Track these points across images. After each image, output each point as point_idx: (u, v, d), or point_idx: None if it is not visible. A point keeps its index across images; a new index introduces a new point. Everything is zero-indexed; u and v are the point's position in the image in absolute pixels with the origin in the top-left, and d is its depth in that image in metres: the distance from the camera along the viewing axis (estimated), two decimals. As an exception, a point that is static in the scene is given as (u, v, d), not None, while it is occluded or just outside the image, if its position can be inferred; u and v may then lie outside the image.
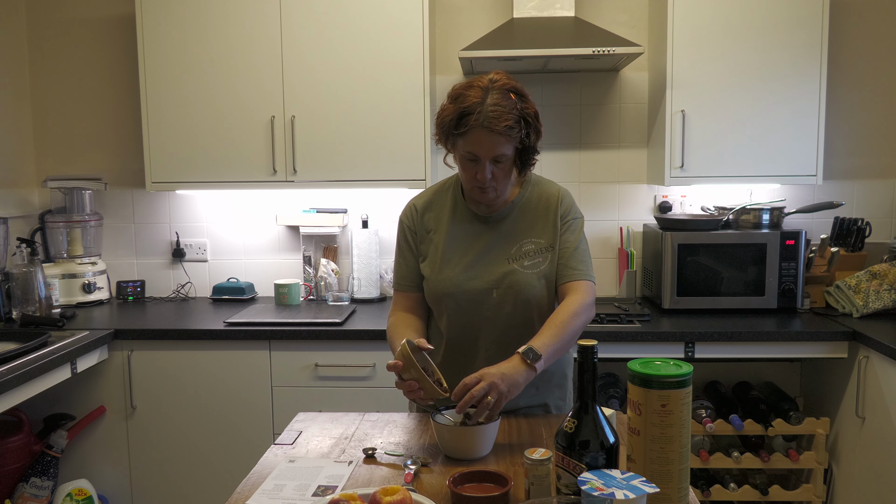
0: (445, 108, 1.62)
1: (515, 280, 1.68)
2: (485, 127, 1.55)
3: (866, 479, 2.51)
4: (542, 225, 1.72)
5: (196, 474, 2.74)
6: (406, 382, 1.51)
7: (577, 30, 2.80)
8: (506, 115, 1.55)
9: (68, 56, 3.24)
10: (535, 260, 1.70)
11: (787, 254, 2.78)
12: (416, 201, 1.82)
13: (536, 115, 1.63)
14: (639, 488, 1.06)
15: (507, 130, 1.56)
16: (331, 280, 3.14)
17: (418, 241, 1.79)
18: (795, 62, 2.77)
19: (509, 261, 1.70)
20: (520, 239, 1.72)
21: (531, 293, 1.69)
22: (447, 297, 1.72)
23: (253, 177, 2.91)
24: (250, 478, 1.43)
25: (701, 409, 2.72)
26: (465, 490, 1.29)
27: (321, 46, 2.83)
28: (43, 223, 3.20)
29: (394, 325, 1.77)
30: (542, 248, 1.71)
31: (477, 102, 1.56)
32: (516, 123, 1.57)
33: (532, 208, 1.74)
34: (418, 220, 1.79)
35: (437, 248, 1.74)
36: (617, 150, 3.19)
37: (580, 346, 1.21)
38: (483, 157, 1.59)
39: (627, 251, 3.13)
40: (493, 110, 1.55)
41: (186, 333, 2.68)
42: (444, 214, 1.77)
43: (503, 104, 1.56)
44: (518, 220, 1.73)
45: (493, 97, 1.56)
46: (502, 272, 1.69)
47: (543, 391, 1.80)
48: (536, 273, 1.69)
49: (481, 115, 1.55)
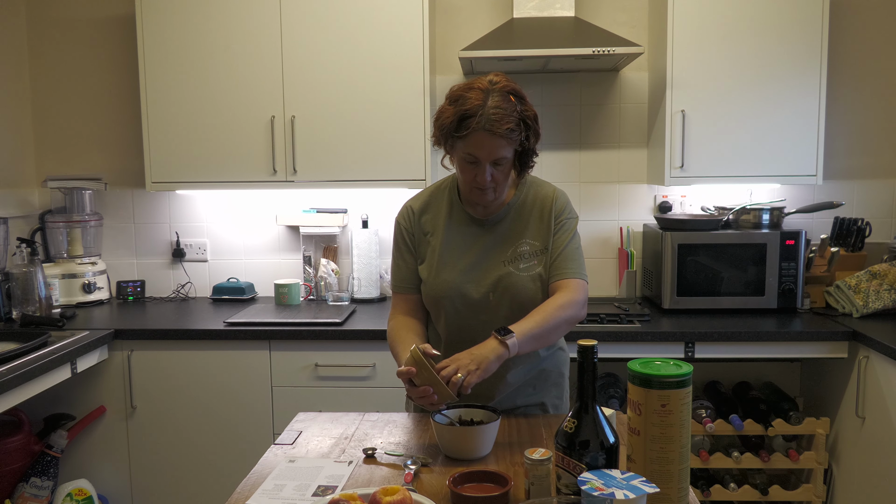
0: (445, 109, 1.61)
1: (511, 283, 1.68)
2: (486, 130, 1.54)
3: (866, 479, 2.51)
4: (536, 226, 1.72)
5: (196, 474, 2.74)
6: (419, 388, 1.49)
7: (577, 30, 2.81)
8: (507, 117, 1.54)
9: (68, 56, 3.24)
10: (530, 262, 1.70)
11: (787, 254, 2.78)
12: (412, 203, 1.82)
13: (535, 117, 1.62)
14: (639, 488, 1.06)
15: (508, 133, 1.55)
16: (331, 280, 3.15)
17: (416, 243, 1.78)
18: (795, 62, 2.77)
19: (505, 263, 1.70)
20: (515, 241, 1.72)
21: (526, 295, 1.69)
22: (444, 299, 1.72)
23: (253, 177, 2.91)
24: (250, 478, 1.43)
25: (701, 409, 2.72)
26: (465, 490, 1.29)
27: (321, 46, 2.84)
28: (43, 223, 3.20)
29: (395, 329, 1.76)
30: (538, 250, 1.71)
31: (478, 105, 1.54)
32: (517, 126, 1.57)
33: (528, 210, 1.74)
34: (415, 221, 1.78)
35: (434, 251, 1.74)
36: (617, 150, 3.19)
37: (580, 346, 1.21)
38: (483, 160, 1.59)
39: (627, 251, 3.13)
40: (494, 113, 1.54)
41: (186, 333, 2.68)
42: (440, 216, 1.77)
43: (504, 107, 1.55)
44: (514, 222, 1.73)
45: (493, 100, 1.55)
46: (498, 275, 1.69)
47: (540, 390, 1.80)
48: (531, 275, 1.69)
49: (483, 117, 1.53)
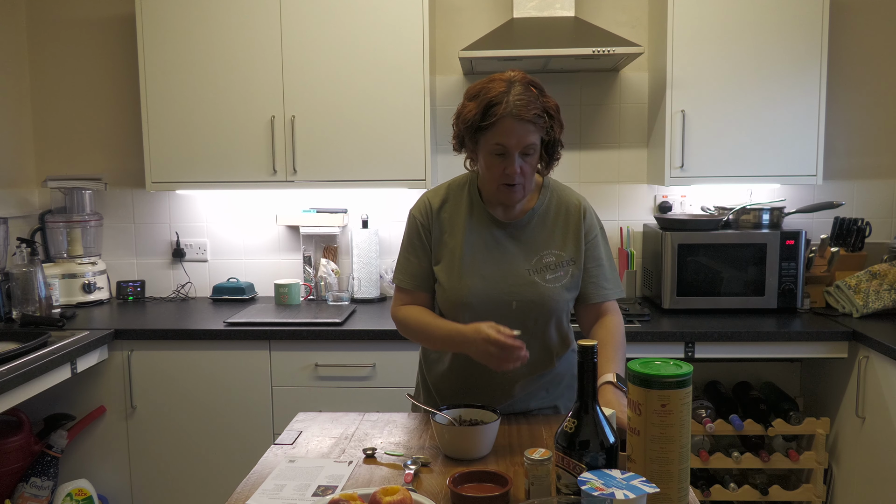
0: (466, 105, 1.60)
1: (538, 293, 1.65)
2: (514, 116, 1.53)
3: (866, 479, 2.51)
4: (562, 236, 1.69)
5: (196, 474, 2.74)
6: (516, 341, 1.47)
7: (577, 30, 2.80)
8: (532, 103, 1.54)
9: (68, 56, 3.24)
10: (556, 273, 1.67)
11: (787, 254, 2.78)
12: (431, 197, 1.74)
13: (557, 107, 1.62)
14: (639, 488, 1.06)
15: (536, 118, 1.54)
16: (331, 280, 3.15)
17: (432, 241, 1.72)
18: (795, 62, 2.77)
19: (530, 273, 1.66)
20: (540, 250, 1.68)
21: (553, 307, 1.66)
22: (464, 306, 1.66)
23: (253, 177, 2.91)
24: (250, 478, 1.43)
25: (701, 409, 2.72)
26: (465, 490, 1.29)
27: (321, 46, 2.83)
28: (43, 223, 3.20)
29: (412, 312, 1.71)
30: (564, 261, 1.68)
31: (503, 92, 1.54)
32: (543, 112, 1.56)
33: (552, 218, 1.70)
34: (434, 217, 1.71)
35: (454, 253, 1.68)
36: (617, 150, 3.19)
37: (580, 346, 1.21)
38: (513, 149, 1.56)
39: (627, 251, 3.13)
40: (519, 99, 1.53)
41: (186, 333, 2.68)
42: (460, 215, 1.71)
43: (527, 95, 1.55)
44: (537, 229, 1.69)
45: (517, 89, 1.55)
46: (523, 284, 1.65)
47: (554, 393, 1.77)
48: (559, 287, 1.66)
49: (509, 104, 1.53)
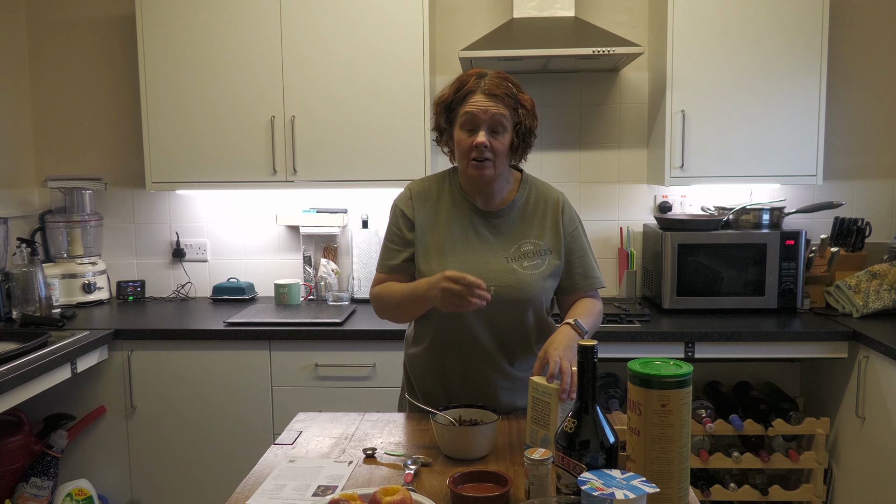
0: (443, 91, 1.74)
1: (516, 279, 1.69)
2: (484, 91, 1.64)
3: (866, 479, 2.51)
4: (539, 226, 1.75)
5: (196, 474, 2.74)
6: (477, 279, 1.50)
7: (577, 30, 2.80)
8: (503, 85, 1.65)
9: (68, 56, 3.24)
10: (534, 261, 1.72)
11: (787, 254, 2.78)
12: (413, 187, 1.81)
13: (532, 102, 1.72)
14: (639, 488, 1.06)
15: (506, 97, 1.64)
16: (331, 280, 3.15)
17: (413, 229, 1.76)
18: (795, 62, 2.77)
19: (508, 260, 1.71)
20: (518, 239, 1.74)
21: (530, 293, 1.70)
22: None
23: (253, 177, 2.91)
24: (250, 478, 1.43)
25: (701, 409, 2.72)
26: (465, 490, 1.29)
27: (321, 46, 2.83)
28: (43, 223, 3.20)
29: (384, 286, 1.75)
30: (542, 249, 1.73)
31: (476, 75, 1.68)
32: (513, 95, 1.66)
33: (531, 210, 1.77)
34: (416, 206, 1.77)
35: (434, 240, 1.74)
36: (617, 150, 3.19)
37: (580, 346, 1.22)
38: (482, 121, 1.64)
39: (627, 251, 3.13)
40: (491, 80, 1.66)
41: (186, 333, 2.68)
42: (442, 204, 1.77)
43: (500, 79, 1.67)
44: (517, 220, 1.75)
45: (491, 75, 1.68)
46: (501, 270, 1.70)
47: None
48: (537, 274, 1.71)
49: (481, 81, 1.66)
